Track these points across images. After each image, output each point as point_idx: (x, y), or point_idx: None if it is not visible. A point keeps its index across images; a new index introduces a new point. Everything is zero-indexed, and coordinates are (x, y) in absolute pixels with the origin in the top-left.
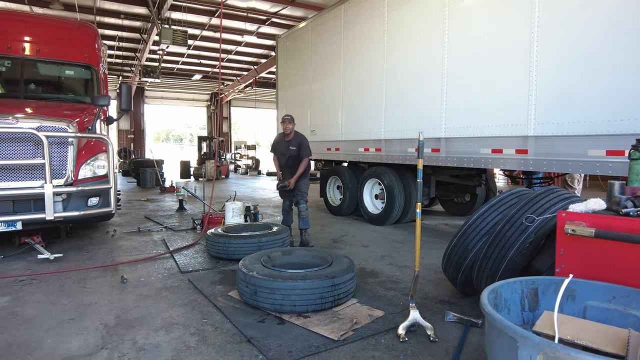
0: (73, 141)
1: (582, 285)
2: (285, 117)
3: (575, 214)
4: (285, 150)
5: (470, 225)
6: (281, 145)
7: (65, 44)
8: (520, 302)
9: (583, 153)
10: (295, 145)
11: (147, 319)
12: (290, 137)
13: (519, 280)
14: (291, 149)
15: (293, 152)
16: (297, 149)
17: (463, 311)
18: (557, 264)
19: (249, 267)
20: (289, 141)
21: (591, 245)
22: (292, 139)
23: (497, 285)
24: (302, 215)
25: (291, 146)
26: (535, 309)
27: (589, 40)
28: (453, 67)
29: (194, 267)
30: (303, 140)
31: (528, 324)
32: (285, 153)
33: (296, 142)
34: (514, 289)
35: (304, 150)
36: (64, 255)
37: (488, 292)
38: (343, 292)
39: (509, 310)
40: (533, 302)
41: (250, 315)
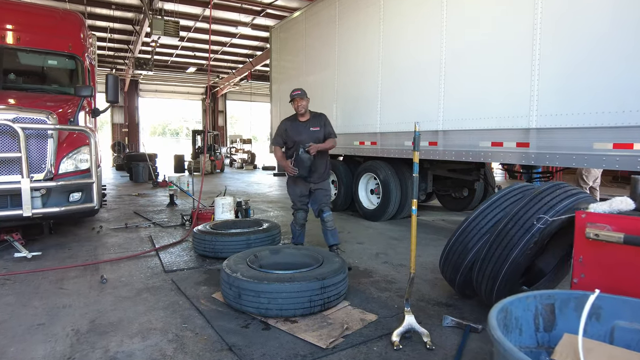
0: (53, 134)
1: (609, 301)
2: (295, 93)
3: (598, 215)
4: (306, 135)
5: (470, 223)
6: (297, 130)
7: (48, 33)
8: (533, 321)
9: (588, 146)
10: (318, 125)
11: (123, 323)
12: (307, 117)
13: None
14: (313, 131)
15: (318, 134)
16: (320, 129)
17: (462, 315)
18: (574, 273)
19: (233, 267)
20: (306, 122)
21: (618, 253)
22: (310, 119)
23: (507, 302)
24: (329, 226)
25: (312, 127)
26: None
27: (594, 28)
28: (451, 57)
29: (179, 266)
30: (325, 116)
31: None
32: (306, 138)
33: (318, 121)
34: (526, 306)
35: (330, 129)
36: (43, 253)
37: (497, 311)
38: (334, 295)
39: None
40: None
41: (233, 319)
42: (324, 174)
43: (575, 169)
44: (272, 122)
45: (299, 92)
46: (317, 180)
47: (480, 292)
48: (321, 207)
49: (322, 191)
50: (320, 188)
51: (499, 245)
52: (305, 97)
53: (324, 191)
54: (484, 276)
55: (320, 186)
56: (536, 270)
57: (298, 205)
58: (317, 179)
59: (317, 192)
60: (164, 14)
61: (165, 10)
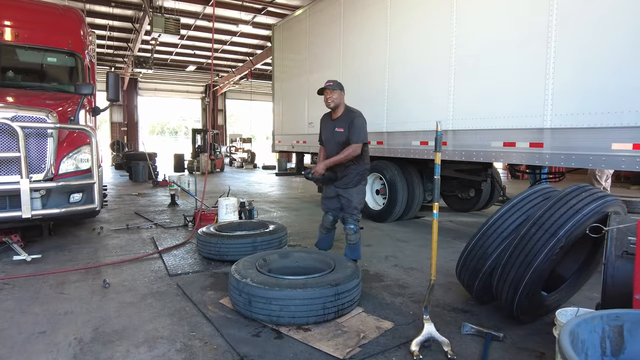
0: (53, 133)
1: None
2: (326, 84)
3: None
4: (330, 134)
5: (490, 227)
6: (327, 127)
7: (47, 29)
8: (600, 345)
9: (606, 147)
10: (343, 126)
11: (129, 331)
12: (339, 113)
13: (598, 315)
14: (337, 132)
15: (340, 137)
16: (345, 131)
17: (479, 321)
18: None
19: (242, 272)
20: (336, 120)
21: None
22: (341, 116)
23: (573, 325)
24: (349, 239)
25: (337, 127)
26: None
27: (613, 23)
28: (461, 54)
29: (184, 269)
30: (354, 116)
31: None
32: (330, 138)
33: (346, 121)
34: (592, 328)
35: (355, 131)
36: (43, 255)
37: (566, 335)
38: (347, 301)
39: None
40: (617, 343)
41: (243, 327)
42: (350, 182)
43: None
44: (275, 121)
45: (330, 83)
46: (341, 186)
47: (501, 299)
48: (344, 217)
49: (345, 200)
50: (343, 195)
51: (522, 250)
52: (338, 89)
53: (347, 200)
54: (505, 283)
55: (344, 194)
56: (555, 276)
57: (323, 207)
58: (341, 184)
59: (341, 199)
60: (164, 12)
61: (166, 7)
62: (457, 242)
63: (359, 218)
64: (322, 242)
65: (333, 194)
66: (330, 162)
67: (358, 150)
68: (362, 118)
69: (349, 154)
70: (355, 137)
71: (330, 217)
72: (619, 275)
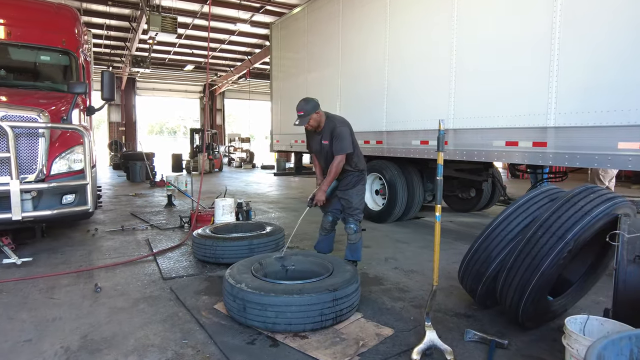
0: (45, 132)
1: None
2: (297, 112)
3: None
4: (318, 147)
5: (494, 230)
6: (313, 140)
7: (41, 27)
8: None
9: (612, 146)
10: (327, 138)
11: (118, 339)
12: (321, 126)
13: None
14: (324, 144)
15: (327, 148)
16: (330, 143)
17: (482, 327)
18: None
19: (237, 277)
20: (321, 133)
21: None
22: (324, 128)
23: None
24: (350, 239)
25: (323, 140)
26: None
27: (619, 18)
28: (463, 51)
29: (178, 272)
30: (335, 126)
31: None
32: (319, 151)
33: (328, 133)
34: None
35: (337, 142)
36: (34, 258)
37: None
38: (346, 307)
39: None
40: None
41: (238, 334)
42: (348, 183)
43: (584, 169)
44: (273, 121)
45: (300, 114)
46: (339, 188)
47: (505, 304)
48: (345, 217)
49: (345, 201)
50: (343, 197)
51: (528, 254)
52: (308, 119)
53: (347, 201)
54: (510, 287)
55: (343, 195)
56: (561, 280)
57: (323, 209)
58: (340, 186)
59: (341, 201)
60: (161, 10)
61: (163, 6)
62: (458, 244)
63: (361, 218)
64: (321, 244)
65: (332, 195)
66: (326, 186)
67: (343, 161)
68: (344, 127)
69: (336, 170)
70: (337, 148)
71: (330, 217)
72: (631, 280)
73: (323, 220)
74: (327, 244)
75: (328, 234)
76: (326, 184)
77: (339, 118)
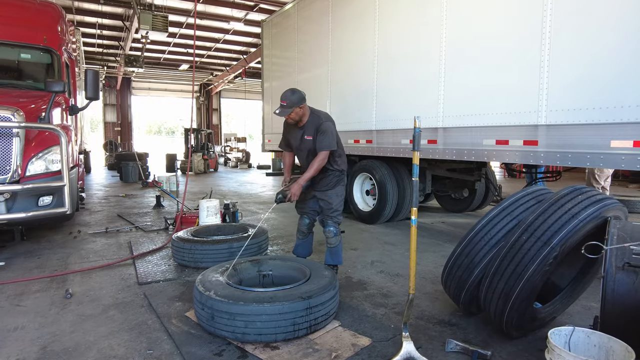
0: (19, 132)
1: None
2: (279, 105)
3: None
4: (299, 143)
5: (478, 233)
6: (293, 135)
7: (20, 24)
8: None
9: (605, 144)
10: (311, 133)
11: (80, 349)
12: (304, 121)
13: None
14: (306, 140)
15: (309, 144)
16: (313, 139)
17: (467, 336)
18: None
19: (207, 284)
20: (303, 128)
21: None
22: (307, 123)
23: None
24: (330, 243)
25: (306, 135)
26: None
27: (613, 10)
28: (452, 48)
29: (155, 277)
30: (321, 122)
31: None
32: (299, 147)
33: (312, 128)
34: None
35: (322, 138)
36: (8, 262)
37: None
38: (321, 316)
39: None
40: None
41: (206, 344)
42: (328, 183)
43: (580, 168)
44: (265, 120)
45: (283, 104)
46: (318, 188)
47: (489, 313)
48: (324, 219)
49: (324, 202)
50: (322, 198)
51: (512, 259)
52: (290, 111)
53: (326, 203)
54: (493, 295)
55: (322, 196)
56: (549, 285)
57: (299, 210)
58: (319, 187)
59: (320, 202)
60: (154, 9)
61: (155, 5)
62: (448, 246)
63: (340, 220)
64: (299, 248)
65: (309, 195)
66: (304, 181)
67: (326, 158)
68: (329, 122)
69: (318, 166)
70: (322, 144)
71: (307, 220)
72: (620, 288)
73: (299, 223)
74: (305, 247)
75: (306, 237)
76: (304, 179)
77: (324, 114)
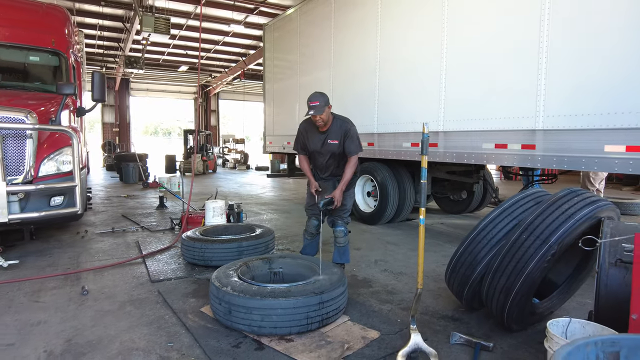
0: (32, 134)
1: None
2: (311, 104)
3: None
4: (321, 147)
5: (480, 233)
6: (314, 139)
7: (30, 28)
8: None
9: (599, 148)
10: (337, 138)
11: (103, 342)
12: (328, 125)
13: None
14: (330, 144)
15: (334, 148)
16: (340, 143)
17: (469, 329)
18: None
19: (223, 280)
20: (326, 132)
21: None
22: (331, 127)
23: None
24: (339, 242)
25: (330, 139)
26: None
27: (608, 20)
28: (453, 54)
29: (166, 275)
30: (348, 127)
31: None
32: (320, 150)
33: (338, 132)
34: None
35: (350, 142)
36: (21, 261)
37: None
38: (332, 310)
39: None
40: None
41: (223, 337)
42: (345, 198)
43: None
44: (266, 122)
45: (316, 103)
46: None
47: (491, 308)
48: (334, 219)
49: (339, 207)
50: None
51: (513, 257)
52: (323, 109)
53: (343, 208)
54: (495, 291)
55: None
56: (547, 282)
57: (308, 212)
58: (333, 189)
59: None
60: (154, 11)
61: (157, 7)
62: (448, 246)
63: (349, 221)
64: (307, 248)
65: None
66: (344, 185)
67: (357, 162)
68: (355, 127)
69: (352, 170)
70: (352, 149)
71: (315, 221)
72: (612, 284)
73: (308, 224)
74: (312, 248)
75: (313, 238)
76: (344, 183)
77: (346, 118)
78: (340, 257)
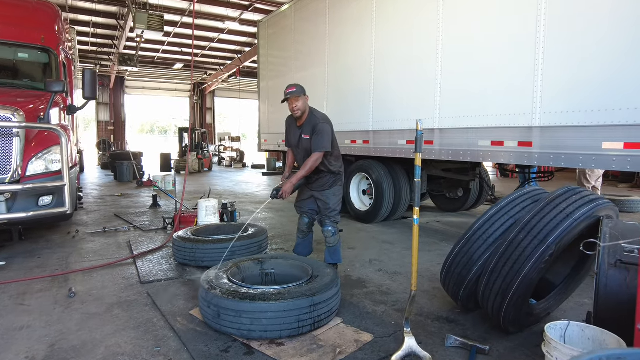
0: (20, 132)
1: None
2: (288, 91)
3: None
4: (297, 142)
5: (476, 232)
6: (292, 133)
7: (18, 24)
8: None
9: (596, 145)
10: (308, 133)
11: (88, 347)
12: (303, 119)
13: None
14: (304, 139)
15: (307, 144)
16: (310, 138)
17: (465, 332)
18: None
19: (213, 282)
20: (301, 127)
21: None
22: (305, 123)
23: None
24: (328, 242)
25: (303, 134)
26: None
27: (605, 16)
28: (448, 50)
29: (157, 276)
30: (318, 122)
31: None
32: (297, 145)
33: (310, 127)
34: None
35: (316, 139)
36: (8, 262)
37: None
38: (325, 313)
39: None
40: None
41: (212, 341)
42: (325, 184)
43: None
44: (261, 120)
45: (292, 89)
46: (316, 189)
47: (487, 309)
48: (322, 219)
49: (321, 202)
50: (319, 198)
51: (509, 257)
52: (302, 95)
53: (323, 203)
54: (491, 292)
55: (320, 196)
56: (544, 282)
57: (298, 210)
58: (316, 187)
59: (318, 202)
60: (148, 8)
61: (150, 4)
62: (444, 245)
63: (338, 220)
64: (299, 247)
65: (307, 195)
66: (296, 180)
67: (319, 159)
68: (326, 124)
69: (311, 166)
70: (316, 145)
71: (306, 219)
72: (612, 284)
73: (299, 222)
74: (305, 246)
75: (306, 236)
76: (296, 178)
77: (322, 115)
78: (331, 257)
